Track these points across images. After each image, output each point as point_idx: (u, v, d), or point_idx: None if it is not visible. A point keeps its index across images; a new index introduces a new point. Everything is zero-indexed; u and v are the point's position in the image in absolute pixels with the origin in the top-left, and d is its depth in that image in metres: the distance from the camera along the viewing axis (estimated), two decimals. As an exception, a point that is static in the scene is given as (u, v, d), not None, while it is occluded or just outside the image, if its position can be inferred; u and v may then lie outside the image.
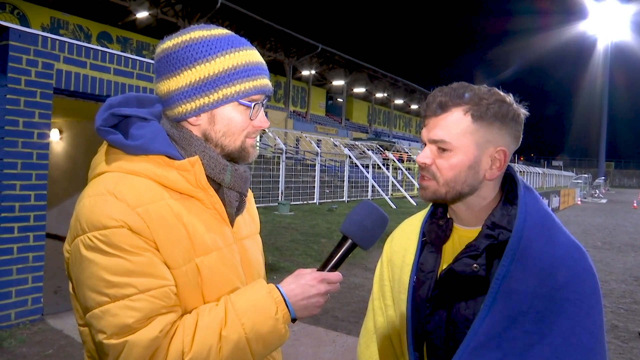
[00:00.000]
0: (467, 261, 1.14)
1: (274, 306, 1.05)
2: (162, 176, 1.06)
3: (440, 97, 1.15)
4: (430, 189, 1.17)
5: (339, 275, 1.14)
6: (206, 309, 1.03)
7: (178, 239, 1.04)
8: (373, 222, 1.15)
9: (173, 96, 1.10)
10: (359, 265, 7.60)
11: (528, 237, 1.09)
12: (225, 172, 1.14)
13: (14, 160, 4.30)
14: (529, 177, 44.70)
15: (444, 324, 1.16)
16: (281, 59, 37.67)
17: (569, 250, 1.11)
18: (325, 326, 4.86)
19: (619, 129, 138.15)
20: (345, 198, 19.20)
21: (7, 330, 4.24)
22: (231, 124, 1.12)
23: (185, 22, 28.14)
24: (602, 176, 56.92)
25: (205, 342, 0.97)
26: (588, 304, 1.06)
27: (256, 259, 1.26)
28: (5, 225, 4.28)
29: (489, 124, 1.12)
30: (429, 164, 1.16)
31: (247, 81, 1.11)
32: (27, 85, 4.32)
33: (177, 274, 1.03)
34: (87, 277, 0.97)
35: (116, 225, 0.97)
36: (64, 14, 26.46)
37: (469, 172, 1.14)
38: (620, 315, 5.85)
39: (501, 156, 1.14)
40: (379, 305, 1.38)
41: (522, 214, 1.12)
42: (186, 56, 1.08)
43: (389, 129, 56.95)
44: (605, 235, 13.83)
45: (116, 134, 1.08)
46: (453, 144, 1.12)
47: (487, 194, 1.18)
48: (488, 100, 1.12)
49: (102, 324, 0.95)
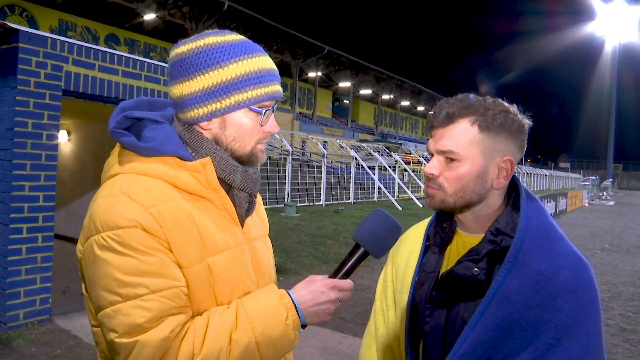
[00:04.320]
0: (469, 264, 1.15)
1: (285, 311, 1.06)
2: (174, 177, 1.08)
3: (447, 108, 1.16)
4: (437, 198, 1.18)
5: (350, 283, 1.14)
6: (217, 311, 1.04)
7: (190, 238, 1.05)
8: (386, 230, 1.16)
9: (186, 100, 1.12)
10: (365, 267, 7.59)
11: (528, 247, 1.09)
12: (236, 173, 1.16)
13: (23, 162, 4.34)
14: (536, 179, 44.51)
15: (442, 326, 1.17)
16: (288, 61, 37.71)
17: (569, 261, 1.10)
18: (331, 328, 4.86)
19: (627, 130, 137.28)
20: (351, 200, 19.18)
21: (15, 330, 4.28)
22: (241, 129, 1.14)
23: (193, 24, 28.27)
24: (610, 178, 56.57)
25: (215, 345, 0.98)
26: (581, 314, 1.05)
27: (266, 260, 1.27)
28: (15, 225, 4.32)
29: (496, 134, 1.14)
30: (436, 175, 1.17)
31: (259, 88, 1.13)
32: (36, 87, 4.36)
33: (189, 273, 1.04)
34: (100, 277, 0.98)
35: (130, 225, 0.98)
36: (72, 16, 26.62)
37: (476, 181, 1.15)
38: (628, 318, 5.81)
39: (508, 165, 1.16)
40: (380, 306, 1.40)
41: (524, 224, 1.12)
42: (200, 62, 1.10)
43: (396, 131, 56.86)
44: (613, 237, 13.74)
45: (129, 136, 1.10)
46: (461, 154, 1.14)
47: (494, 202, 1.20)
48: (494, 111, 1.14)
49: (113, 323, 0.96)
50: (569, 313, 1.04)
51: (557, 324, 1.03)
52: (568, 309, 1.04)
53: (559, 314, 1.04)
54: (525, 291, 1.06)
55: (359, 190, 20.62)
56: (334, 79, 44.86)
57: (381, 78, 47.76)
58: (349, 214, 14.69)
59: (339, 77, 44.42)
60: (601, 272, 8.50)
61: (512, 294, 1.06)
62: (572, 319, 1.04)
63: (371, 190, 21.29)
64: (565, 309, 1.04)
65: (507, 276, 1.07)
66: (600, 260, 9.75)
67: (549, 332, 1.03)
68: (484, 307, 1.07)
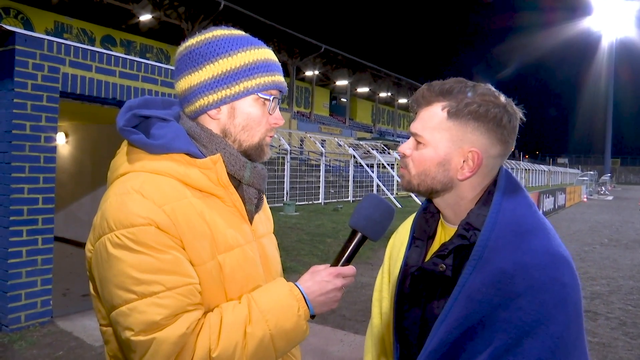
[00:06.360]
0: (436, 260, 1.13)
1: (296, 303, 1.08)
2: (184, 175, 1.09)
3: (425, 90, 1.15)
4: (405, 179, 1.18)
5: (352, 269, 1.17)
6: (230, 306, 1.05)
7: (202, 236, 1.06)
8: (380, 214, 1.18)
9: (195, 90, 1.14)
10: (365, 265, 7.60)
11: (495, 243, 1.04)
12: (245, 169, 1.17)
13: (21, 164, 4.33)
14: (534, 175, 44.56)
15: (418, 321, 1.17)
16: (284, 60, 37.63)
17: (537, 257, 1.02)
18: (333, 325, 4.88)
19: (625, 125, 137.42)
20: (350, 198, 19.19)
21: (17, 332, 4.28)
22: (250, 118, 1.16)
23: (189, 24, 28.19)
24: (608, 173, 56.62)
25: (231, 339, 0.99)
26: (545, 314, 0.97)
27: (273, 256, 1.29)
28: (15, 228, 4.31)
29: (464, 123, 1.08)
30: (407, 155, 1.17)
31: (266, 76, 1.16)
32: (33, 89, 4.35)
33: (201, 271, 1.05)
34: (114, 275, 0.98)
35: (144, 223, 0.99)
36: (68, 18, 26.53)
37: (438, 168, 1.12)
38: (628, 312, 5.83)
39: (474, 157, 1.09)
40: (377, 297, 1.42)
41: (492, 219, 1.06)
42: (209, 51, 1.14)
43: (393, 129, 56.82)
44: (612, 232, 13.76)
45: (139, 134, 1.10)
46: (425, 137, 1.12)
47: (465, 194, 1.14)
48: (471, 99, 1.08)
49: (129, 321, 0.96)
50: (530, 312, 0.98)
51: (516, 324, 0.98)
52: (530, 308, 0.98)
53: (520, 314, 0.98)
54: (488, 290, 1.01)
55: (358, 188, 20.62)
56: (331, 77, 44.80)
57: (378, 76, 47.72)
58: (347, 212, 14.68)
59: (336, 75, 44.37)
60: (600, 267, 8.53)
61: (475, 293, 1.02)
62: (535, 319, 0.97)
63: (370, 188, 21.28)
64: (527, 308, 0.98)
65: (472, 274, 1.03)
66: (600, 255, 9.77)
67: (509, 332, 0.98)
68: (450, 306, 1.04)
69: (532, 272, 1.00)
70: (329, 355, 4.17)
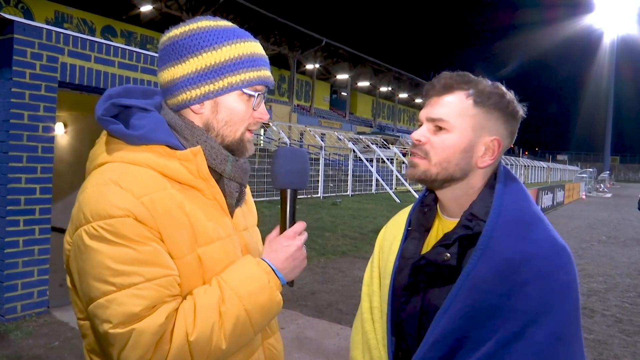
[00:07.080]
0: (440, 250, 1.14)
1: (266, 276, 1.08)
2: (164, 166, 1.06)
3: (446, 79, 1.16)
4: (420, 168, 1.17)
5: (303, 224, 1.19)
6: (201, 290, 1.04)
7: (182, 228, 1.04)
8: (295, 162, 1.19)
9: (178, 83, 1.11)
10: (363, 260, 7.61)
11: (500, 233, 1.07)
12: (227, 162, 1.15)
13: (19, 154, 4.32)
14: (534, 171, 44.57)
15: (417, 312, 1.17)
16: (285, 53, 37.57)
17: (542, 247, 1.06)
18: (329, 319, 4.88)
19: (625, 123, 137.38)
20: (349, 192, 19.19)
21: (13, 322, 4.28)
22: (234, 113, 1.14)
23: (190, 15, 28.08)
24: (607, 170, 56.68)
25: (207, 321, 0.99)
26: (551, 302, 1.01)
27: (255, 250, 1.27)
28: (11, 218, 4.31)
29: (488, 112, 1.13)
30: (424, 142, 1.16)
31: (252, 71, 1.13)
32: (32, 78, 4.33)
33: (181, 263, 1.03)
34: (92, 267, 0.96)
35: (121, 214, 0.97)
36: (69, 7, 26.43)
37: (462, 155, 1.13)
38: (624, 309, 5.84)
39: (495, 145, 1.14)
40: (366, 292, 1.42)
41: (497, 209, 1.10)
42: (193, 44, 1.10)
43: (393, 123, 56.80)
44: (610, 229, 13.78)
45: (117, 123, 1.08)
46: (451, 123, 1.13)
47: (475, 182, 1.17)
48: (490, 89, 1.13)
49: (107, 314, 0.94)
50: (537, 300, 1.01)
51: (524, 312, 1.01)
52: (536, 296, 1.01)
53: (527, 301, 1.01)
54: (494, 279, 1.04)
55: (357, 183, 20.62)
56: (332, 71, 44.72)
57: (379, 70, 47.65)
58: (346, 206, 14.70)
59: (337, 69, 44.29)
60: (598, 264, 8.55)
61: (481, 282, 1.04)
62: (541, 306, 1.01)
63: (369, 183, 21.30)
64: (534, 296, 1.01)
65: (477, 263, 1.06)
66: (597, 252, 9.78)
67: (516, 320, 1.01)
68: (454, 295, 1.06)
69: (538, 261, 1.04)
70: (325, 349, 4.18)
